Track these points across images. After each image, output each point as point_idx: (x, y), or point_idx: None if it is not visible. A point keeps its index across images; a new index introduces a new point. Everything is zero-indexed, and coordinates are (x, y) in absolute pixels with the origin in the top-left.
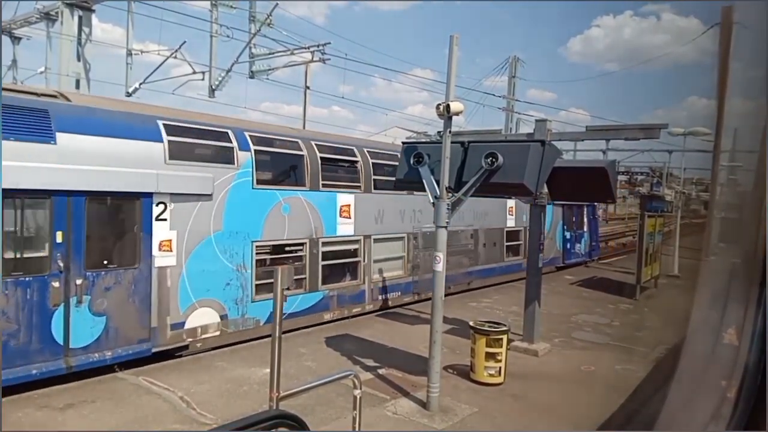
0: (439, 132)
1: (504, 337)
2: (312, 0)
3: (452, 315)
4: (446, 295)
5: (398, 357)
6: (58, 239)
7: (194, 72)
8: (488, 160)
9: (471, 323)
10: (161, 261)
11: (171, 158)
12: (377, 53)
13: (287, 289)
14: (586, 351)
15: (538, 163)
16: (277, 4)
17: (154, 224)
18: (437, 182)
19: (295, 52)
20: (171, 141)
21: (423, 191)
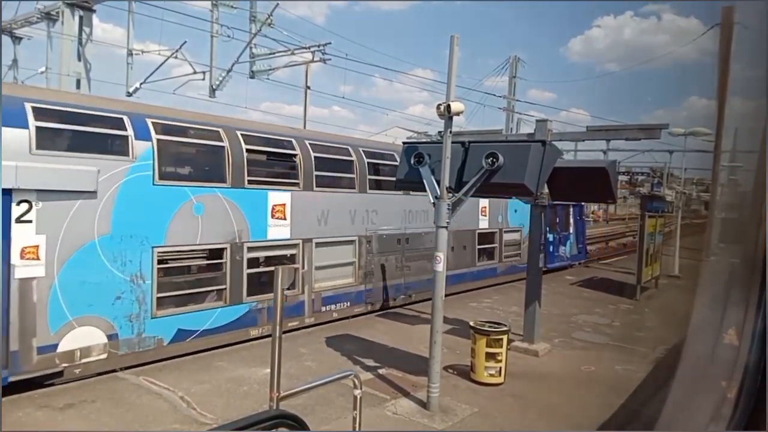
0: (440, 132)
1: (504, 338)
2: (312, 0)
3: (452, 315)
4: (407, 304)
5: (398, 357)
6: None
7: (195, 72)
8: (489, 161)
9: (471, 323)
10: (24, 271)
11: (39, 148)
12: (378, 53)
13: (288, 289)
14: (587, 351)
15: (539, 164)
16: (278, 4)
17: (14, 227)
18: (438, 182)
19: (296, 52)
20: (40, 127)
21: (423, 191)
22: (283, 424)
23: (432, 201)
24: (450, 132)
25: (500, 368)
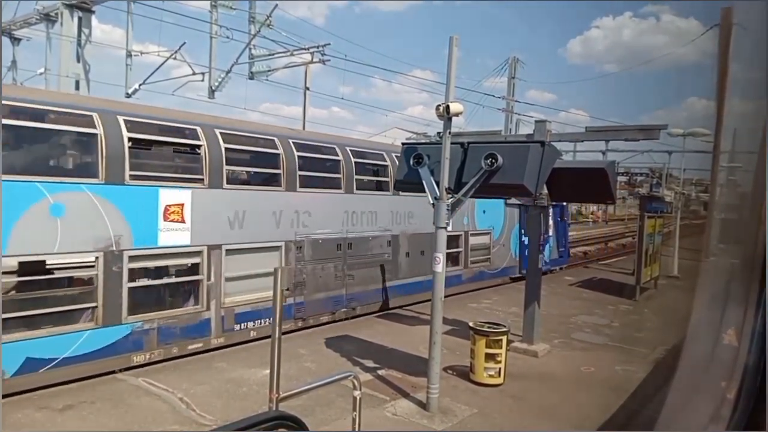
0: (439, 133)
1: (503, 338)
2: (312, 0)
3: (452, 316)
4: (351, 318)
5: (398, 358)
6: None
7: (194, 73)
8: (488, 161)
9: (471, 324)
10: None
11: None
12: (377, 54)
13: (287, 290)
14: (586, 352)
15: (538, 164)
16: (277, 5)
17: None
18: (437, 183)
19: (295, 53)
20: None
21: (422, 192)
22: (283, 425)
23: (431, 202)
24: (449, 133)
25: (500, 369)
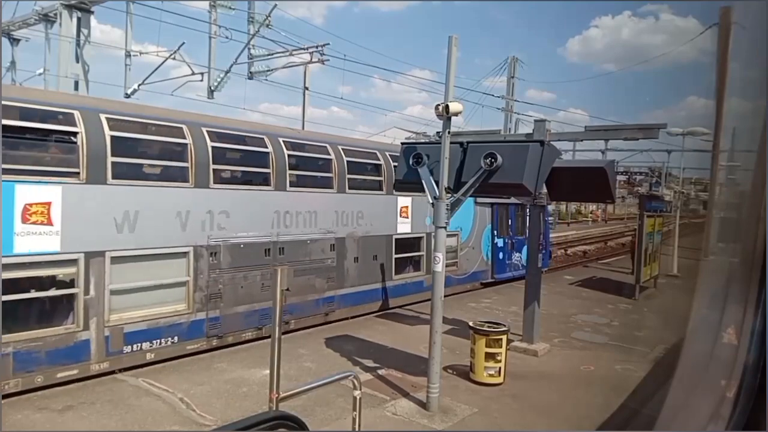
0: (438, 132)
1: (503, 338)
2: (311, 0)
3: (452, 315)
4: (284, 333)
5: (398, 357)
6: None
7: (193, 73)
8: (487, 161)
9: (470, 323)
10: None
11: None
12: (376, 54)
13: (287, 290)
14: (586, 351)
15: (537, 164)
16: (276, 5)
17: None
18: (436, 183)
19: (294, 53)
20: None
21: (422, 192)
22: (283, 425)
23: (431, 201)
24: (448, 132)
25: (500, 368)
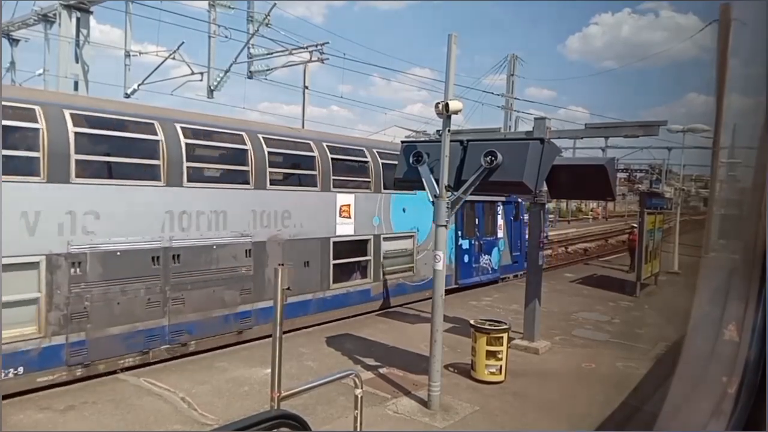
0: (438, 131)
1: (505, 336)
2: (310, 0)
3: (453, 314)
4: (180, 356)
5: (399, 356)
6: None
7: (193, 73)
8: (487, 159)
9: (472, 322)
10: None
11: None
12: (376, 52)
13: (288, 289)
14: (587, 348)
15: (538, 161)
16: (275, 4)
17: None
18: (437, 181)
19: (294, 52)
20: None
21: (422, 190)
22: (285, 424)
23: (431, 200)
24: (448, 130)
25: (501, 366)
